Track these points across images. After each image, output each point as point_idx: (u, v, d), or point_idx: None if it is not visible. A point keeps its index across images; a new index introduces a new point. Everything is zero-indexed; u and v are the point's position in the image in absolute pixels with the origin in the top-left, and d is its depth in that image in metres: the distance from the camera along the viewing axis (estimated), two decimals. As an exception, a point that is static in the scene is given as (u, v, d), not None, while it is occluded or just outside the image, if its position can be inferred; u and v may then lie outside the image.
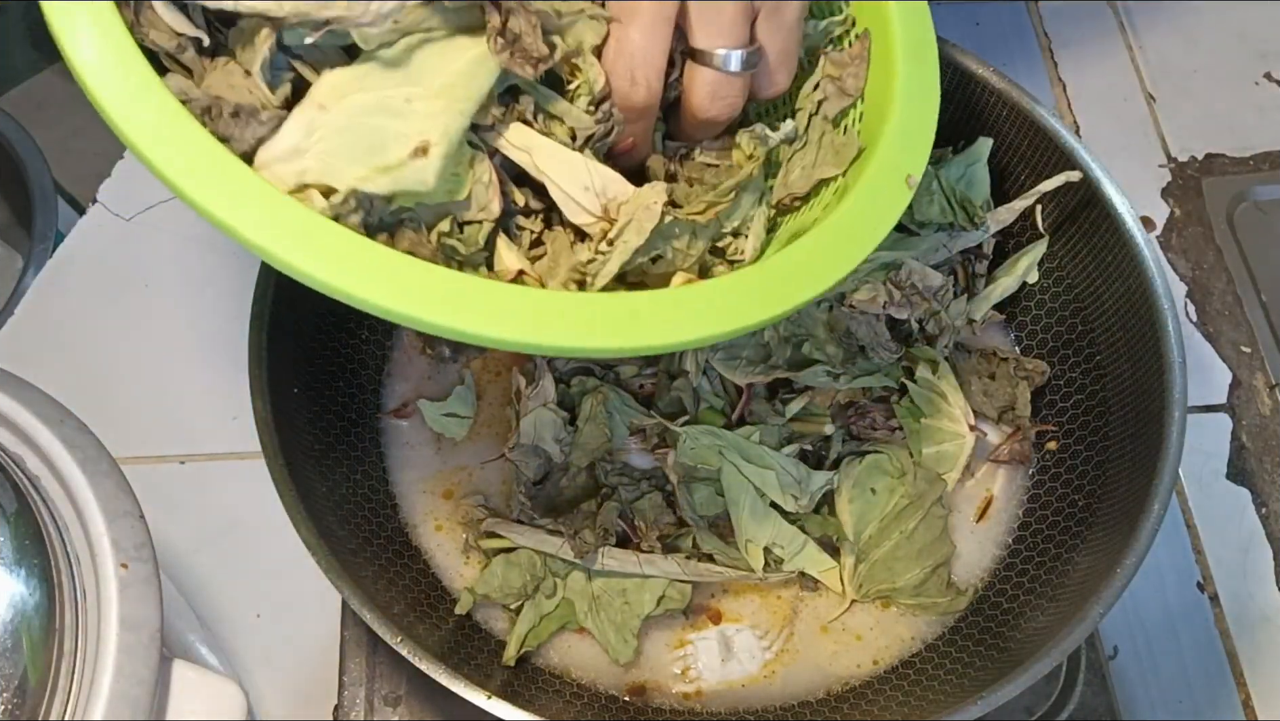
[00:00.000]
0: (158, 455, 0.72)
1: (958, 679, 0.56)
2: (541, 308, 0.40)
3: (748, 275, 0.44)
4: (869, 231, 0.45)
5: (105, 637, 0.45)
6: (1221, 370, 0.76)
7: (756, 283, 0.43)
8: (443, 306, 0.39)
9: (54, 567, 0.46)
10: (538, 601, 0.59)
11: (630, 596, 0.58)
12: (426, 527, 0.63)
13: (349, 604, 0.52)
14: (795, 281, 0.43)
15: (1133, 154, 0.84)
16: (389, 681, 0.63)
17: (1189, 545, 0.71)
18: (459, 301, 0.39)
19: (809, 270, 0.44)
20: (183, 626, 0.62)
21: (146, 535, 0.48)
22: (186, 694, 0.48)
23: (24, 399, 0.50)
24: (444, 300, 0.39)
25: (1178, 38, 0.89)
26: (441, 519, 0.63)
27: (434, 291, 0.39)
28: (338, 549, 0.54)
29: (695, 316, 0.42)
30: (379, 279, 0.39)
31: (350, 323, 0.65)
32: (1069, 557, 0.58)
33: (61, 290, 0.77)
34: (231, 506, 0.69)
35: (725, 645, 0.60)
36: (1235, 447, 0.73)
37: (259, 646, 0.67)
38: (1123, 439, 0.59)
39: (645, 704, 0.58)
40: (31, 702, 0.43)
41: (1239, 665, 0.67)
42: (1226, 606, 0.69)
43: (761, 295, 0.43)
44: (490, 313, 0.39)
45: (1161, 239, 0.80)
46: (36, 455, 0.49)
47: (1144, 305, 0.58)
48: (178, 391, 0.74)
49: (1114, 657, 0.67)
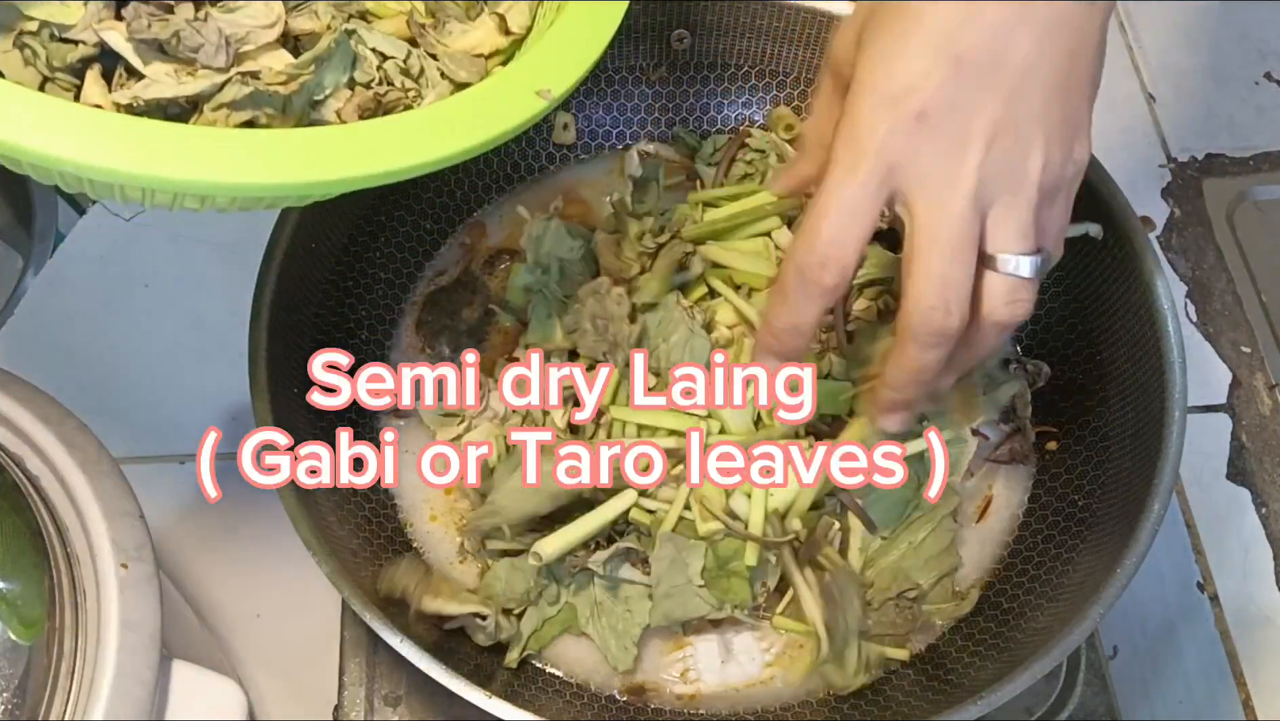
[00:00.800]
0: (158, 455, 0.72)
1: (958, 679, 0.56)
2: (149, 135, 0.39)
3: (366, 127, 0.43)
4: (481, 121, 0.45)
5: (105, 637, 0.45)
6: (1221, 370, 0.76)
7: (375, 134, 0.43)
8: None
9: (54, 567, 0.46)
10: (540, 607, 0.59)
11: (633, 604, 0.58)
12: (426, 527, 0.63)
13: (349, 604, 0.52)
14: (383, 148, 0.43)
15: (1133, 154, 0.84)
16: (389, 681, 0.63)
17: (1189, 545, 0.71)
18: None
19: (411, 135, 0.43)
20: (183, 626, 0.62)
21: (146, 535, 0.48)
22: (186, 694, 0.48)
23: (24, 399, 0.50)
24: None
25: (1178, 38, 0.89)
26: (440, 515, 0.63)
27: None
28: (338, 549, 0.54)
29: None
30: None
31: (350, 323, 0.65)
32: (1069, 557, 0.58)
33: (61, 290, 0.77)
34: (231, 506, 0.69)
35: (725, 646, 0.60)
36: (1235, 447, 0.73)
37: (259, 646, 0.67)
38: (1123, 439, 0.59)
39: (645, 704, 0.58)
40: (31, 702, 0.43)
41: (1239, 665, 0.67)
42: (1226, 606, 0.69)
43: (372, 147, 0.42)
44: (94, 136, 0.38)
45: (1161, 239, 0.80)
46: (36, 455, 0.49)
47: (1144, 305, 0.58)
48: (178, 391, 0.74)
49: (1114, 657, 0.67)
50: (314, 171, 0.41)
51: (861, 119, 0.44)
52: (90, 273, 0.77)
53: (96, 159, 0.38)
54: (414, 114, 0.46)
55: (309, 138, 0.43)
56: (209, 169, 0.39)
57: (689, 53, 0.69)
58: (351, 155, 0.42)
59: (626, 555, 0.59)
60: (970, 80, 0.42)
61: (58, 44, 0.44)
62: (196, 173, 0.39)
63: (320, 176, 0.41)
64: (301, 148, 0.41)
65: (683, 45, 0.68)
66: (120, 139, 0.39)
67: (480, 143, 0.44)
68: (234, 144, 0.41)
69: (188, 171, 0.39)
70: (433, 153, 0.43)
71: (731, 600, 0.57)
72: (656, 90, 0.70)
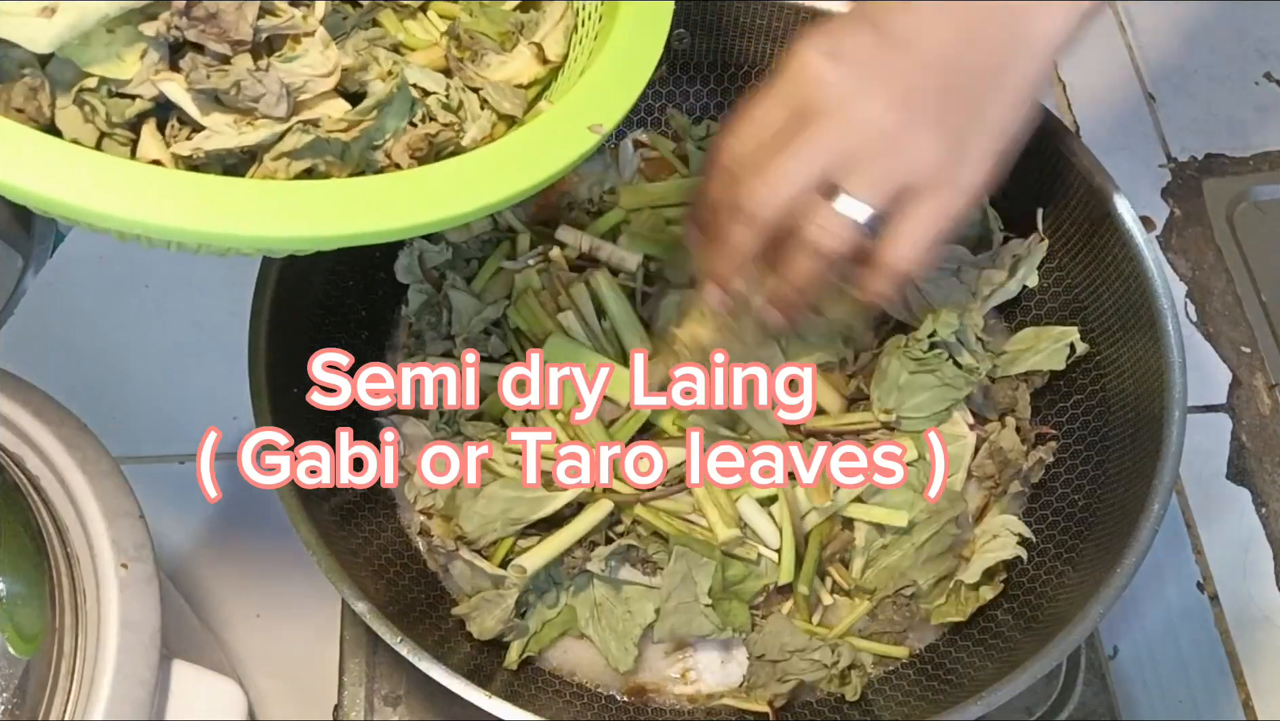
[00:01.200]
0: (158, 455, 0.72)
1: (958, 679, 0.56)
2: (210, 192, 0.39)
3: (413, 176, 0.44)
4: (538, 161, 0.45)
5: (105, 637, 0.45)
6: (1221, 370, 0.76)
7: (420, 184, 0.43)
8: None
9: (54, 567, 0.46)
10: (539, 609, 0.59)
11: (633, 605, 0.58)
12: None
13: (349, 604, 0.52)
14: (451, 192, 0.43)
15: (1133, 154, 0.84)
16: (389, 681, 0.63)
17: (1189, 545, 0.71)
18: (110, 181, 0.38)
19: (467, 181, 0.44)
20: (183, 626, 0.62)
21: (146, 535, 0.48)
22: (186, 694, 0.48)
23: (24, 399, 0.50)
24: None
25: (1178, 38, 0.89)
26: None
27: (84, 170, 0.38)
28: (338, 549, 0.54)
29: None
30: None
31: (350, 323, 0.65)
32: (1069, 558, 0.58)
33: (61, 290, 0.77)
34: (231, 506, 0.69)
35: (725, 647, 0.60)
36: (1235, 447, 0.73)
37: (259, 646, 0.67)
38: (1123, 439, 0.59)
39: (645, 705, 0.59)
40: (31, 702, 0.43)
41: (1239, 665, 0.67)
42: (1226, 606, 0.69)
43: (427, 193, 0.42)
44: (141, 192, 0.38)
45: (1161, 239, 0.80)
46: (36, 455, 0.49)
47: (1144, 305, 0.58)
48: (178, 391, 0.74)
49: (1114, 657, 0.67)
50: (391, 220, 0.41)
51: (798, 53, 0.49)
52: (90, 273, 0.77)
53: (192, 222, 0.38)
54: (476, 156, 0.45)
55: (383, 187, 0.43)
56: (295, 224, 0.40)
57: (689, 53, 0.69)
58: (425, 202, 0.42)
59: (626, 554, 0.59)
60: (888, 48, 0.47)
61: (115, 99, 0.44)
62: (284, 228, 0.39)
63: (397, 224, 0.41)
64: (377, 197, 0.42)
65: (683, 45, 0.68)
66: (211, 199, 0.39)
67: (540, 180, 0.45)
68: (317, 196, 0.41)
69: (277, 228, 0.39)
70: (500, 193, 0.44)
71: (732, 623, 0.58)
72: (656, 90, 0.70)
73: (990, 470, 0.62)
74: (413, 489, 0.62)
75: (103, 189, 0.38)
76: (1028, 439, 0.63)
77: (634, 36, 0.50)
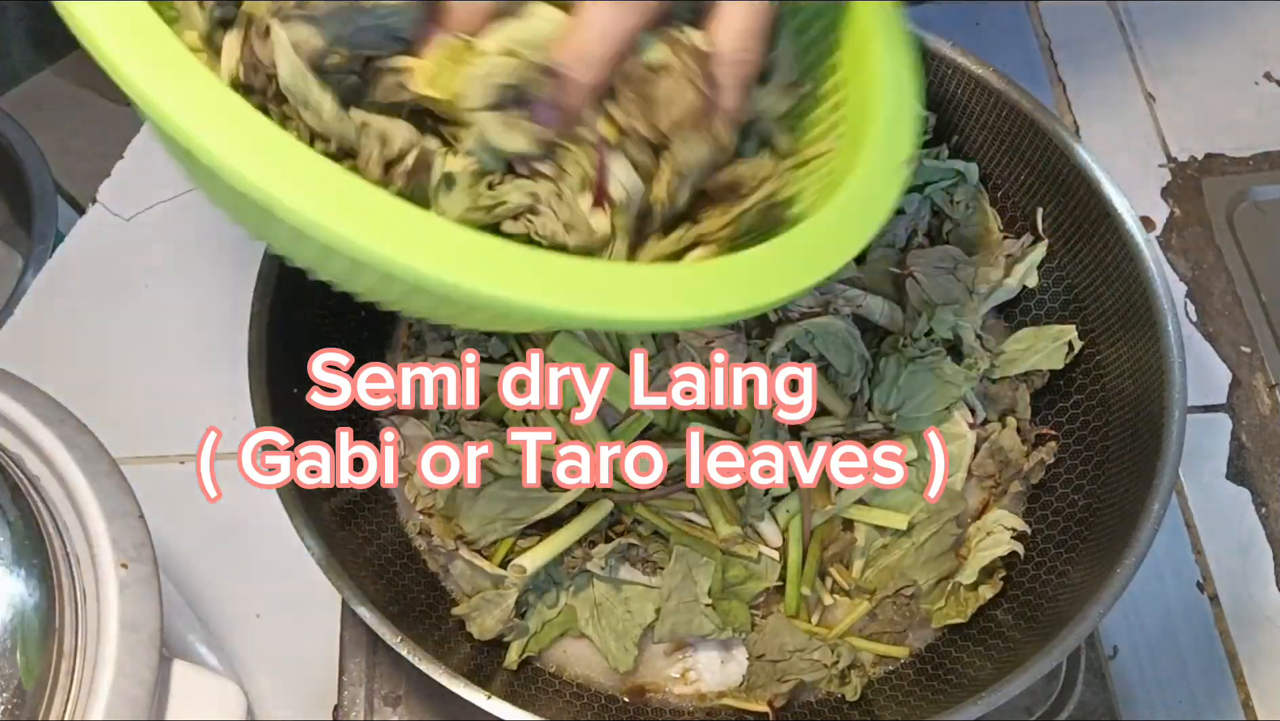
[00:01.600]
0: (158, 455, 0.72)
1: (958, 679, 0.56)
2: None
3: (748, 257, 0.42)
4: (868, 216, 0.44)
5: (105, 637, 0.45)
6: (1221, 370, 0.76)
7: (761, 264, 0.42)
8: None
9: (54, 567, 0.46)
10: (539, 609, 0.59)
11: (633, 605, 0.58)
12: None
13: (349, 604, 0.52)
14: (808, 262, 0.42)
15: (1133, 154, 0.84)
16: (389, 681, 0.63)
17: (1189, 545, 0.71)
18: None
19: (816, 253, 0.43)
20: (183, 626, 0.62)
21: (146, 535, 0.48)
22: (186, 694, 0.48)
23: (24, 399, 0.50)
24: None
25: (1178, 38, 0.89)
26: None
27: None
28: (338, 549, 0.54)
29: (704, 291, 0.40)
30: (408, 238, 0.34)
31: (350, 323, 0.65)
32: (1069, 557, 0.58)
33: (61, 290, 0.77)
34: (231, 506, 0.69)
35: (725, 647, 0.60)
36: (1235, 447, 0.73)
37: (259, 646, 0.67)
38: (1123, 439, 0.59)
39: (645, 705, 0.59)
40: (31, 702, 0.43)
41: (1239, 665, 0.67)
42: (1226, 606, 0.69)
43: (769, 275, 0.41)
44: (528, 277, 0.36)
45: (1161, 239, 0.80)
46: (36, 455, 0.49)
47: (1144, 305, 0.58)
48: (178, 391, 0.74)
49: (1114, 657, 0.67)
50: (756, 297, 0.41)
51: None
52: (90, 273, 0.77)
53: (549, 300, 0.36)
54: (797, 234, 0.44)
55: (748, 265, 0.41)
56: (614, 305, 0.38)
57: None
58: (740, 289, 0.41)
59: (626, 553, 0.59)
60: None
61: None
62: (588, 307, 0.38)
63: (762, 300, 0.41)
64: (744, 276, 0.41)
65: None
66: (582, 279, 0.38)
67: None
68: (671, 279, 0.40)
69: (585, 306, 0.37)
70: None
71: (732, 624, 0.58)
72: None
73: (990, 470, 0.62)
74: (413, 489, 0.62)
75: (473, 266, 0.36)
76: (1028, 439, 0.63)
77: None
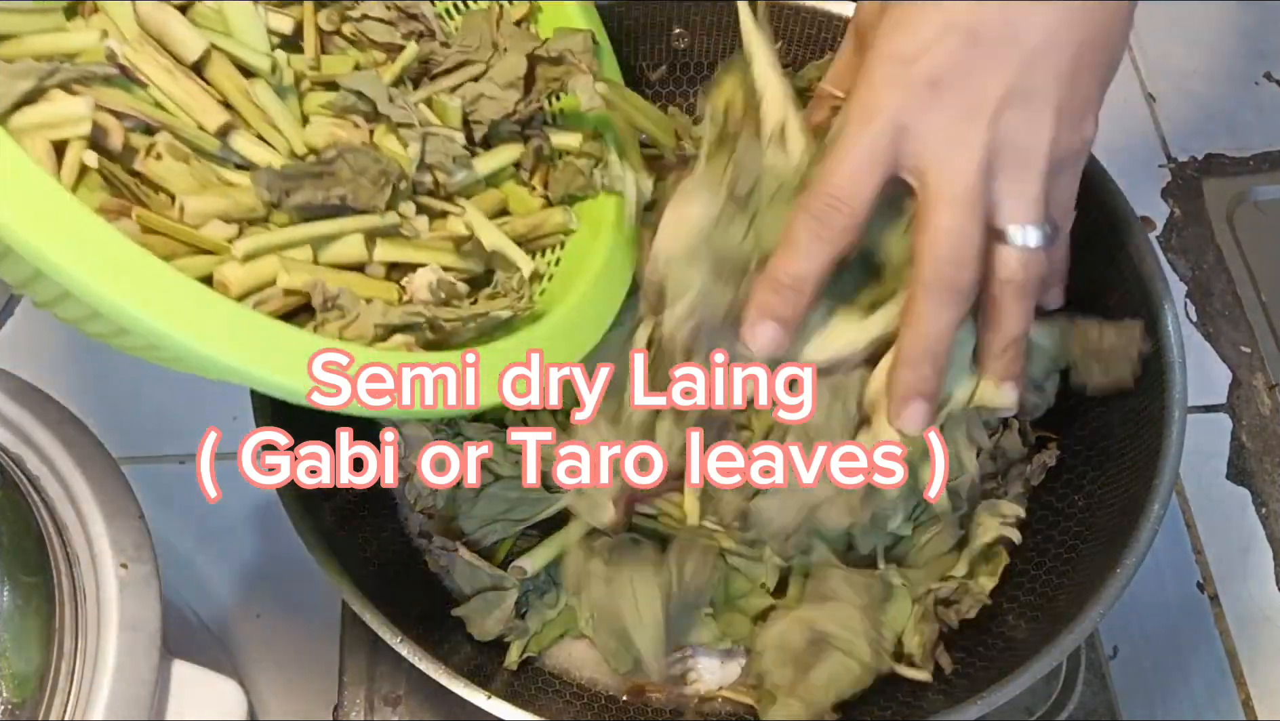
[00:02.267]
0: (158, 455, 0.72)
1: (958, 679, 0.56)
2: None
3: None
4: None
5: (105, 637, 0.45)
6: (1221, 370, 0.76)
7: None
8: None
9: (54, 567, 0.46)
10: (539, 610, 0.59)
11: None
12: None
13: (349, 604, 0.52)
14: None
15: (1133, 154, 0.84)
16: (389, 681, 0.63)
17: (1189, 545, 0.71)
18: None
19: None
20: (183, 626, 0.62)
21: (146, 535, 0.48)
22: (186, 694, 0.48)
23: (24, 399, 0.50)
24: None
25: (1178, 38, 0.89)
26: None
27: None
28: (338, 549, 0.54)
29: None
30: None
31: (350, 323, 0.65)
32: (1069, 558, 0.58)
33: (61, 290, 0.77)
34: (231, 506, 0.69)
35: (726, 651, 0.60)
36: (1235, 447, 0.73)
37: (259, 646, 0.67)
38: (1122, 439, 0.59)
39: (645, 705, 0.58)
40: (31, 702, 0.43)
41: (1239, 665, 0.67)
42: (1226, 606, 0.69)
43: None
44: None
45: (1161, 239, 0.80)
46: (36, 455, 0.49)
47: (1144, 305, 0.58)
48: (178, 391, 0.74)
49: (1114, 657, 0.67)
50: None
51: (876, 79, 0.45)
52: (90, 273, 0.77)
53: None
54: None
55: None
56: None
57: (689, 52, 0.69)
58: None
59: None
60: (983, 52, 0.44)
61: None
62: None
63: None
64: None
65: (682, 45, 0.68)
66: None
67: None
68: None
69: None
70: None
71: (732, 635, 0.58)
72: (656, 90, 0.70)
73: (990, 470, 0.62)
74: (413, 489, 0.62)
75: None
76: (1029, 441, 0.63)
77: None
